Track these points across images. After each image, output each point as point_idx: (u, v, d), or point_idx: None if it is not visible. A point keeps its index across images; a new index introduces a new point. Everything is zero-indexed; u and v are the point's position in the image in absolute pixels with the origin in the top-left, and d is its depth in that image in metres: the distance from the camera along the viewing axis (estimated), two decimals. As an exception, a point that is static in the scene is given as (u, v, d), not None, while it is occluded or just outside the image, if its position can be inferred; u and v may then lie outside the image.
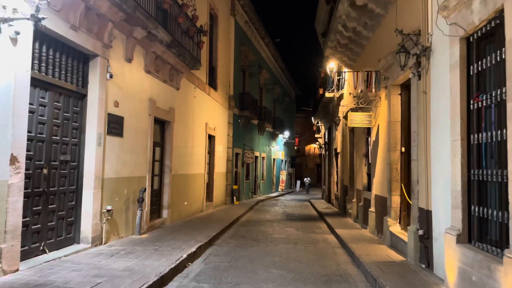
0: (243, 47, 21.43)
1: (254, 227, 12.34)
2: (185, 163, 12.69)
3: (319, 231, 11.92)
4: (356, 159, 12.95)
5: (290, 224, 13.36)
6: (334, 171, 19.51)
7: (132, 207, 9.06)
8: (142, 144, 9.57)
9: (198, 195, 14.20)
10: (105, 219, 7.89)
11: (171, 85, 11.24)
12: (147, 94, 9.76)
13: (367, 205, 10.94)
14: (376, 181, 9.98)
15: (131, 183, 8.99)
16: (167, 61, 10.50)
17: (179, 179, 12.14)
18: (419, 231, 6.44)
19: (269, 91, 29.31)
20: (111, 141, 8.11)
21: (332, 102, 17.71)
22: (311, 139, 51.10)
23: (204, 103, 14.84)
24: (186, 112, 12.73)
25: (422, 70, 6.50)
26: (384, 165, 9.13)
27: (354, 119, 9.78)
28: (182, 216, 12.48)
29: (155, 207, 10.83)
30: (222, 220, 12.57)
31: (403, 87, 8.55)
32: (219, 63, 17.11)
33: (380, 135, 9.63)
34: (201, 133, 14.50)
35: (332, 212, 16.45)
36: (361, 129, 11.86)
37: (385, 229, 8.72)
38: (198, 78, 13.81)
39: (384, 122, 9.30)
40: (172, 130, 11.43)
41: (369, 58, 10.91)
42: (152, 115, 10.01)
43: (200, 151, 14.45)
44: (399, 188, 8.49)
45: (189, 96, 12.98)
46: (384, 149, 9.20)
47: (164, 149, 11.26)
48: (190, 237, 9.15)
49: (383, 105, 9.49)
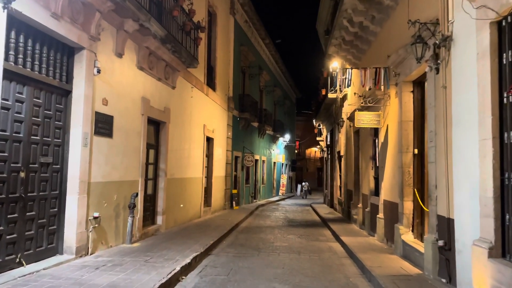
0: (243, 47, 20.82)
1: (254, 234, 11.66)
2: (181, 167, 12.03)
3: (323, 238, 11.24)
4: (361, 162, 12.28)
5: (292, 230, 12.68)
6: (337, 174, 18.84)
7: (122, 214, 8.39)
8: (134, 146, 8.91)
9: (195, 200, 13.53)
10: (92, 227, 7.22)
11: (166, 84, 10.60)
12: (139, 93, 9.12)
13: (375, 211, 10.27)
14: (385, 186, 9.32)
15: (121, 187, 8.33)
16: (162, 57, 9.86)
17: (175, 183, 11.47)
18: (439, 241, 5.77)
19: (270, 93, 28.70)
20: (99, 142, 7.46)
21: (335, 103, 17.08)
22: (311, 143, 50.49)
23: (202, 104, 14.20)
24: (182, 112, 12.08)
25: (441, 63, 5.85)
26: (395, 168, 8.47)
27: (362, 119, 9.13)
28: (178, 222, 11.80)
29: (149, 213, 10.15)
30: (220, 227, 11.89)
31: (416, 84, 7.91)
32: (218, 63, 16.48)
33: (390, 136, 8.97)
34: (198, 135, 13.84)
35: (336, 218, 15.76)
36: (367, 130, 11.21)
37: (396, 238, 8.04)
38: (195, 77, 13.17)
39: (394, 122, 8.65)
40: (167, 131, 10.77)
41: (376, 55, 10.28)
42: (145, 115, 9.35)
43: (198, 154, 13.80)
44: (411, 193, 7.82)
45: (186, 96, 12.33)
46: (394, 151, 8.54)
47: (158, 151, 10.60)
48: (185, 246, 8.47)
49: (393, 103, 8.84)
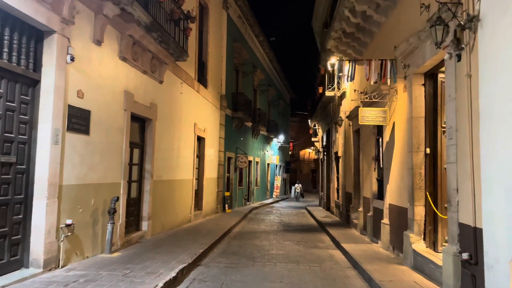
0: (236, 44, 20.00)
1: (248, 240, 10.82)
2: (170, 168, 11.17)
3: (322, 245, 10.43)
4: (362, 164, 11.51)
5: (288, 236, 11.87)
6: (334, 176, 18.07)
7: (101, 220, 7.52)
8: (116, 145, 8.05)
9: (185, 204, 12.67)
10: (64, 236, 6.35)
11: (152, 78, 9.74)
12: (122, 85, 8.26)
13: (379, 216, 9.49)
14: (391, 189, 8.54)
15: (100, 190, 7.46)
16: (148, 48, 9.01)
17: (162, 186, 10.61)
18: (463, 254, 4.98)
19: (264, 92, 27.90)
20: (73, 139, 6.59)
21: (332, 102, 16.32)
22: (306, 144, 49.80)
23: (193, 101, 13.35)
24: (171, 109, 11.22)
25: (465, 48, 5.07)
26: (403, 169, 7.69)
27: (366, 116, 8.35)
28: (166, 227, 10.93)
29: (133, 218, 9.28)
30: (212, 232, 11.04)
31: (428, 76, 7.15)
32: (210, 58, 15.64)
33: (397, 135, 8.20)
34: (189, 134, 12.99)
35: (334, 222, 14.98)
36: (370, 129, 10.44)
37: (405, 247, 7.26)
38: (185, 72, 12.33)
39: (402, 119, 7.88)
40: (153, 129, 9.91)
41: (380, 48, 9.52)
42: (129, 111, 8.49)
43: (188, 154, 12.94)
44: (423, 198, 7.05)
45: (174, 91, 11.48)
46: (403, 150, 7.77)
47: (144, 151, 9.73)
48: (172, 255, 7.62)
49: (400, 99, 8.07)
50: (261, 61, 27.07)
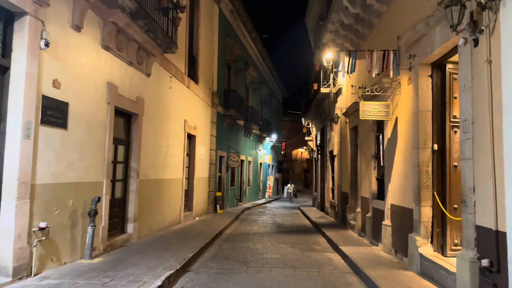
0: (228, 39, 19.41)
1: (240, 243, 10.24)
2: (158, 166, 10.55)
3: (319, 248, 9.89)
4: (361, 162, 11.00)
5: (282, 238, 11.31)
6: (328, 176, 17.56)
7: (81, 223, 6.90)
8: (98, 141, 7.42)
9: (174, 204, 12.05)
10: (37, 241, 5.72)
11: (139, 70, 9.12)
12: (105, 77, 7.64)
13: (379, 217, 8.97)
14: (393, 188, 8.02)
15: (80, 190, 6.83)
16: (133, 37, 8.40)
17: (149, 185, 9.99)
18: (482, 261, 4.46)
19: (256, 90, 27.32)
20: (48, 133, 5.97)
21: (327, 99, 15.81)
22: (298, 144, 49.36)
23: (183, 97, 12.74)
24: (159, 104, 10.61)
25: (484, 30, 4.55)
26: (408, 167, 7.17)
27: (368, 110, 7.81)
28: (154, 229, 10.31)
29: (117, 220, 8.66)
30: (202, 235, 10.44)
31: (435, 67, 6.64)
32: (201, 53, 15.03)
33: (400, 130, 7.69)
34: (178, 131, 12.38)
35: (329, 223, 14.45)
36: (369, 125, 9.93)
37: (411, 250, 6.74)
38: (175, 66, 11.71)
39: (406, 113, 7.36)
40: (140, 125, 9.29)
41: (380, 40, 9.01)
42: (112, 104, 7.87)
43: (178, 152, 12.32)
44: (430, 197, 6.53)
45: (163, 86, 10.86)
46: (407, 147, 7.26)
47: (130, 148, 9.12)
48: (159, 261, 7.02)
49: (404, 92, 7.56)
50: (253, 58, 26.51)
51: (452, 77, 6.51)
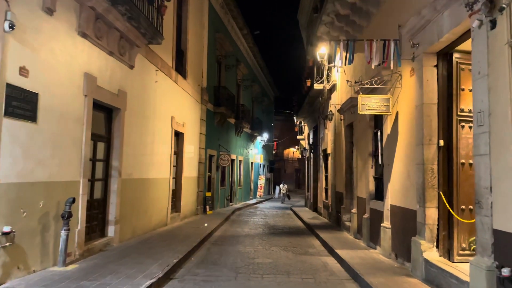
0: (219, 35, 18.80)
1: (230, 246, 9.66)
2: (142, 165, 9.92)
3: (313, 251, 9.35)
4: (356, 160, 10.48)
5: (275, 240, 10.75)
6: (321, 175, 17.04)
7: (53, 226, 6.26)
8: (73, 136, 6.78)
9: (160, 205, 11.42)
10: (0, 247, 5.08)
11: (121, 61, 8.49)
12: (81, 67, 7.00)
13: (377, 219, 8.45)
14: (394, 188, 7.50)
15: (52, 190, 6.20)
16: (114, 25, 7.77)
17: (133, 185, 9.36)
18: (503, 270, 3.93)
19: (248, 88, 26.73)
20: (13, 127, 5.33)
21: (321, 96, 15.29)
22: (290, 143, 48.92)
23: (170, 92, 12.11)
24: (144, 99, 9.98)
25: (505, 9, 4.02)
26: (410, 165, 6.65)
27: (367, 104, 7.27)
28: (138, 232, 9.68)
29: (96, 223, 8.02)
30: (190, 237, 9.84)
31: (441, 56, 6.12)
32: (190, 47, 14.41)
33: (402, 126, 7.17)
34: (165, 128, 11.75)
35: (323, 224, 13.93)
36: (366, 122, 9.42)
37: (414, 255, 6.21)
38: (161, 59, 11.08)
39: (408, 107, 6.84)
40: (122, 120, 8.66)
41: (378, 31, 8.48)
42: (90, 97, 7.23)
43: (164, 150, 11.70)
44: (436, 198, 6.01)
45: (148, 79, 10.23)
46: (409, 143, 6.74)
47: (111, 145, 8.48)
48: (140, 267, 6.41)
49: (406, 84, 7.04)
50: (244, 55, 25.92)
51: (459, 67, 6.01)
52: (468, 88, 6.00)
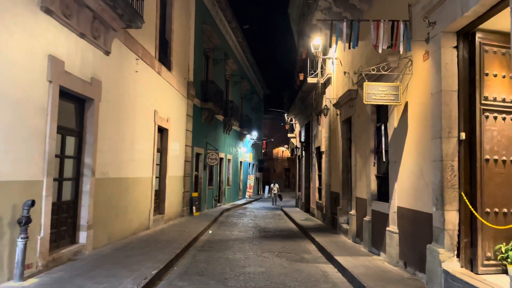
0: (206, 26, 17.84)
1: (218, 252, 8.76)
2: (120, 163, 8.95)
3: (309, 257, 8.49)
4: (355, 158, 9.66)
5: (267, 244, 9.88)
6: (315, 174, 16.21)
7: (9, 234, 5.30)
8: (34, 128, 5.82)
9: (142, 207, 10.46)
10: None
11: (95, 45, 7.52)
12: (45, 48, 6.03)
13: (381, 222, 7.63)
14: (402, 188, 6.67)
15: (5, 191, 5.23)
16: (86, 3, 6.81)
17: (109, 185, 8.40)
18: None
19: (236, 84, 25.80)
20: (-49, 114, 4.36)
21: (315, 90, 14.46)
22: (279, 142, 48.16)
23: (153, 84, 11.15)
24: (123, 90, 9.01)
25: None
26: (424, 162, 5.83)
27: (373, 93, 6.42)
28: (115, 237, 8.72)
29: (65, 228, 7.05)
30: (174, 242, 8.92)
31: (462, 36, 5.31)
32: (175, 37, 13.44)
33: (412, 117, 6.34)
34: (147, 123, 10.79)
35: (317, 226, 13.09)
36: (366, 115, 8.60)
37: (431, 266, 5.39)
38: (143, 47, 10.12)
39: (421, 96, 6.02)
40: (96, 112, 7.69)
41: (383, 12, 7.63)
42: (56, 83, 6.26)
43: (146, 147, 10.74)
44: (456, 199, 5.20)
45: (128, 68, 9.27)
46: (423, 137, 5.91)
47: (82, 140, 7.51)
48: (111, 282, 5.48)
49: (418, 71, 6.21)
50: (233, 50, 24.98)
51: (483, 48, 5.22)
52: (493, 73, 5.24)
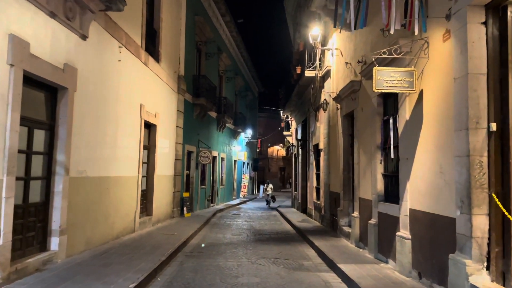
0: (199, 18, 16.99)
1: (208, 258, 7.94)
2: (100, 160, 8.10)
3: (309, 264, 7.71)
4: (358, 155, 8.88)
5: (262, 249, 9.08)
6: (312, 173, 15.43)
7: (-44, 243, 4.44)
8: (-9, 118, 4.98)
9: (126, 209, 9.61)
10: None
11: (68, 27, 6.67)
12: (4, 26, 5.20)
13: (390, 226, 6.86)
14: (416, 188, 5.89)
15: (-49, 193, 4.38)
16: (56, -23, 5.97)
17: (87, 185, 7.55)
18: None
19: (230, 80, 24.95)
20: None
21: (313, 84, 13.67)
22: (274, 141, 47.44)
23: (139, 75, 10.30)
24: (103, 80, 8.16)
25: None
26: (445, 158, 5.06)
27: (385, 79, 5.61)
28: (94, 243, 7.87)
29: (33, 234, 6.20)
30: (159, 248, 8.09)
31: (491, 11, 4.53)
32: (164, 27, 12.60)
33: (429, 107, 5.56)
34: (132, 117, 9.94)
35: (315, 228, 12.31)
36: (371, 108, 7.84)
37: (455, 279, 4.60)
38: (126, 34, 9.27)
39: (440, 82, 5.24)
40: (71, 103, 6.84)
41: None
42: (19, 68, 5.42)
43: (131, 144, 9.89)
44: (486, 202, 4.43)
45: (109, 56, 8.42)
46: (443, 130, 5.14)
47: (55, 134, 6.65)
48: (79, 299, 4.65)
49: (436, 53, 5.43)
50: (227, 44, 24.12)
51: (517, 25, 4.43)
52: (529, 53, 4.44)
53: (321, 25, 12.17)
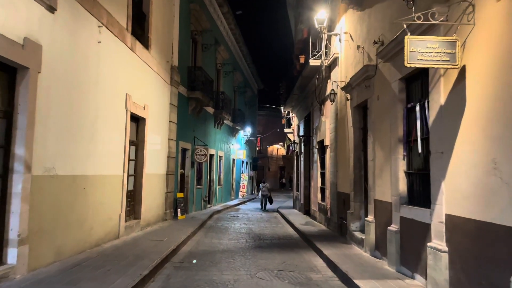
0: (194, 5, 15.83)
1: (200, 271, 6.80)
2: (74, 156, 6.95)
3: (318, 278, 6.56)
4: (373, 151, 7.74)
5: (262, 258, 7.94)
6: (316, 172, 14.27)
7: None
8: None
9: (108, 212, 8.46)
10: None
11: (30, -6, 5.52)
12: None
13: (417, 235, 5.71)
14: (456, 188, 4.74)
15: None
16: None
17: (57, 185, 6.39)
18: None
19: (228, 75, 23.76)
20: None
21: (318, 75, 12.52)
22: (274, 140, 46.28)
23: (123, 61, 9.15)
24: (77, 62, 7.00)
25: None
26: (500, 151, 3.91)
27: (419, 52, 4.44)
28: (67, 252, 6.72)
29: (-19, 246, 5.05)
30: (143, 258, 6.95)
31: None
32: (154, 10, 11.42)
33: (476, 87, 4.41)
34: (115, 108, 8.79)
35: (321, 233, 11.15)
36: (391, 95, 6.70)
37: (520, 310, 3.46)
38: (108, 13, 8.12)
39: (495, 55, 4.10)
40: (33, 86, 5.67)
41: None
42: (-45, 36, 4.26)
43: (114, 138, 8.74)
44: None
45: (86, 35, 7.27)
46: (497, 115, 3.99)
47: (12, 124, 5.50)
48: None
49: (486, 18, 4.28)
50: (225, 37, 22.94)
51: None
52: None
53: (328, 7, 11.02)
